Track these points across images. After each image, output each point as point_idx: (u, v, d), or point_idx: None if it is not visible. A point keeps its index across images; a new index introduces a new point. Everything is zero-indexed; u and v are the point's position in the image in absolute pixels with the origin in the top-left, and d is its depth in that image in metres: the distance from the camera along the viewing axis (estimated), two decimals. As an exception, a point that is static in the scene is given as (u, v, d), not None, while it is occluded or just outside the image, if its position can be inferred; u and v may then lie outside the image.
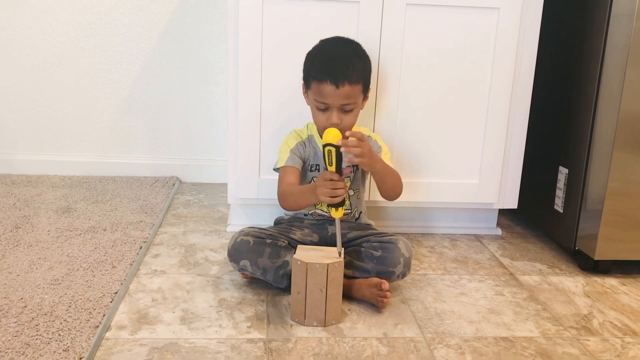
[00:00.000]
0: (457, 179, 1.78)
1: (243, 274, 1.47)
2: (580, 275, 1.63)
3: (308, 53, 1.46)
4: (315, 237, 1.51)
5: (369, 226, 1.57)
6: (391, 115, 1.70)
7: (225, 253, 1.48)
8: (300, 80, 1.47)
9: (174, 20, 2.24)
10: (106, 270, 1.49)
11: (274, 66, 1.64)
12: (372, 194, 1.74)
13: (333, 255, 1.30)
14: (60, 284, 1.40)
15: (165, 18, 2.24)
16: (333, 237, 1.45)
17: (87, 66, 2.26)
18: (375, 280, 1.38)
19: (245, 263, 1.40)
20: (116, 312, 1.32)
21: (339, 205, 1.32)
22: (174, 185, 2.25)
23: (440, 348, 1.24)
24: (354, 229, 1.52)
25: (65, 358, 1.12)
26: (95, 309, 1.30)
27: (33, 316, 1.26)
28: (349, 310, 1.37)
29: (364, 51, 1.46)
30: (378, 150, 1.51)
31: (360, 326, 1.31)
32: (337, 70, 1.37)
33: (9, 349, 1.14)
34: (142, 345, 1.20)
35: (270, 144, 1.66)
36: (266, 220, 1.70)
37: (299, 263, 1.27)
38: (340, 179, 1.30)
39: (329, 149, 1.29)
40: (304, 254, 1.30)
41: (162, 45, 2.26)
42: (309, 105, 1.47)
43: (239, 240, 1.41)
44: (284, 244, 1.43)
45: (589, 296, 1.51)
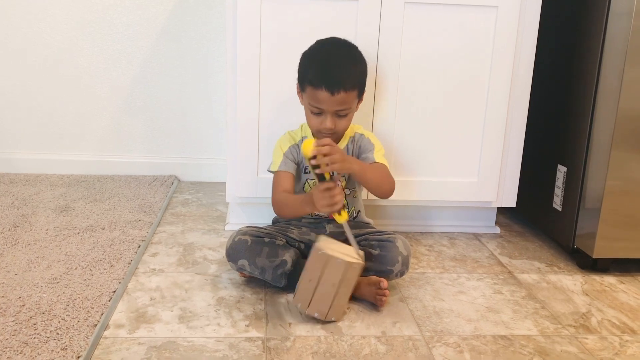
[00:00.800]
0: (456, 178, 1.78)
1: (241, 273, 1.47)
2: (579, 274, 1.63)
3: (304, 54, 1.45)
4: (313, 236, 1.51)
5: (367, 225, 1.57)
6: (390, 113, 1.70)
7: (224, 252, 1.48)
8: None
9: (172, 18, 2.24)
10: (104, 269, 1.49)
11: (272, 65, 1.64)
12: (370, 193, 1.74)
13: (353, 255, 1.29)
14: (58, 282, 1.40)
15: (163, 17, 2.23)
16: (331, 236, 1.45)
17: (86, 65, 2.26)
18: (374, 278, 1.37)
19: (243, 262, 1.40)
20: (114, 311, 1.32)
21: (342, 210, 1.32)
22: (172, 184, 2.25)
23: (438, 346, 1.24)
24: (352, 228, 1.52)
25: (64, 357, 1.12)
26: (93, 308, 1.29)
27: (31, 315, 1.25)
28: (347, 308, 1.37)
29: (360, 55, 1.45)
30: (370, 148, 1.50)
31: (358, 324, 1.31)
32: (333, 77, 1.36)
33: (7, 347, 1.13)
34: (141, 343, 1.20)
35: (269, 142, 1.66)
36: (265, 219, 1.69)
37: (320, 253, 1.26)
38: (335, 185, 1.29)
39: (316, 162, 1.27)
40: (327, 245, 1.29)
41: (161, 44, 2.26)
42: (302, 105, 1.47)
43: (236, 239, 1.41)
44: (282, 243, 1.43)
45: (587, 294, 1.51)
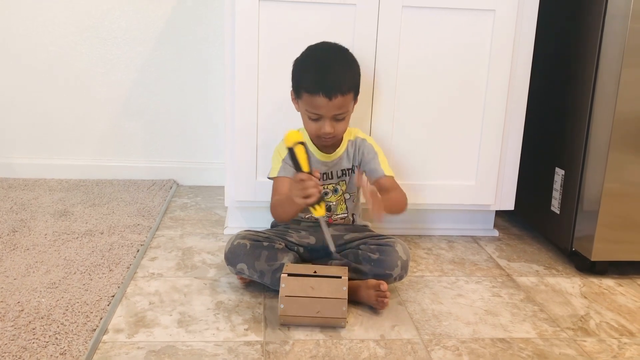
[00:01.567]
0: (454, 181, 1.78)
1: (241, 277, 1.47)
2: (577, 276, 1.64)
3: (296, 61, 1.45)
4: (312, 240, 1.51)
5: (365, 227, 1.57)
6: (388, 117, 1.71)
7: (223, 256, 1.48)
8: None
9: (171, 23, 2.24)
10: (103, 273, 1.49)
11: (270, 70, 1.64)
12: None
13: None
14: (57, 287, 1.40)
15: (162, 21, 2.24)
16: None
17: (84, 69, 2.26)
18: (373, 282, 1.38)
19: (242, 266, 1.40)
20: (113, 316, 1.32)
21: (317, 203, 1.30)
22: (171, 188, 2.25)
23: (437, 350, 1.24)
24: (350, 231, 1.52)
25: (62, 361, 1.12)
26: (92, 313, 1.29)
27: (30, 320, 1.25)
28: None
29: (352, 57, 1.45)
30: (374, 157, 1.50)
31: (357, 328, 1.31)
32: (329, 83, 1.36)
33: (5, 352, 1.13)
34: (140, 348, 1.20)
35: (267, 146, 1.66)
36: (263, 223, 1.70)
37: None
38: (310, 177, 1.28)
39: (292, 152, 1.29)
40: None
41: (159, 48, 2.26)
42: (298, 112, 1.47)
43: (235, 243, 1.41)
44: (281, 247, 1.44)
45: (585, 297, 1.52)
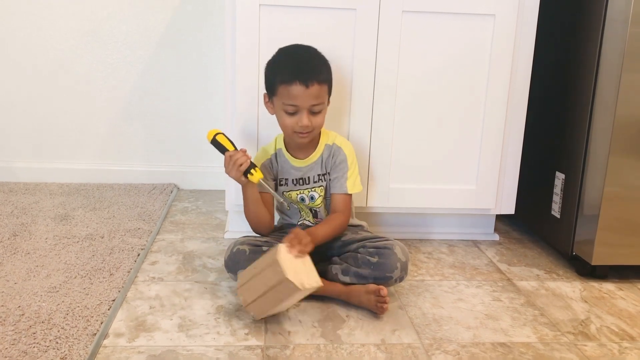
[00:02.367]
0: (454, 185, 1.78)
1: (242, 283, 1.47)
2: (578, 281, 1.64)
3: (269, 62, 1.48)
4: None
5: (360, 227, 1.58)
6: (388, 120, 1.71)
7: (223, 260, 1.48)
8: None
9: (171, 27, 2.25)
10: (104, 277, 1.49)
11: (271, 73, 1.64)
12: (370, 200, 1.75)
13: (306, 279, 1.28)
14: (57, 291, 1.40)
15: (162, 26, 2.24)
16: (325, 245, 1.46)
17: (85, 73, 2.26)
18: (373, 286, 1.38)
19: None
20: (114, 320, 1.32)
21: (250, 169, 1.42)
22: (171, 192, 2.25)
23: (437, 354, 1.24)
24: (347, 231, 1.52)
25: (63, 366, 1.12)
26: (92, 317, 1.29)
27: (30, 324, 1.25)
28: (346, 316, 1.37)
29: (323, 55, 1.48)
30: (343, 169, 1.50)
31: (358, 332, 1.31)
32: (305, 70, 1.40)
33: (6, 357, 1.13)
34: (140, 352, 1.20)
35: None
36: (264, 227, 1.69)
37: (275, 257, 1.26)
38: (236, 151, 1.43)
39: (216, 142, 1.46)
40: (287, 255, 1.29)
41: (160, 52, 2.27)
42: (272, 114, 1.49)
43: (235, 250, 1.41)
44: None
45: (586, 301, 1.51)
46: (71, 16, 2.21)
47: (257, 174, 1.43)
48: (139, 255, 1.64)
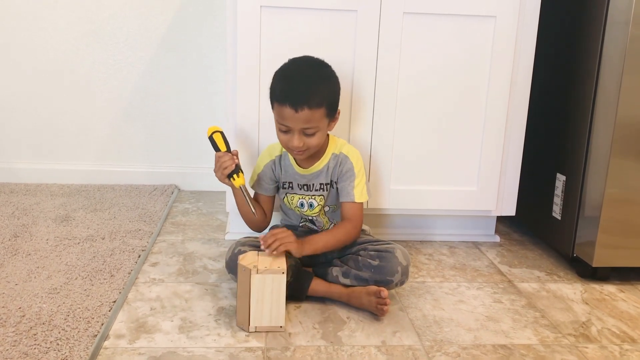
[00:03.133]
0: (455, 187, 1.78)
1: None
2: (579, 282, 1.63)
3: (275, 72, 1.45)
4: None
5: (362, 230, 1.57)
6: (389, 123, 1.71)
7: (224, 261, 1.48)
8: None
9: (172, 28, 2.25)
10: (104, 279, 1.49)
11: (272, 75, 1.64)
12: (370, 202, 1.74)
13: (274, 267, 1.28)
14: (58, 293, 1.40)
15: (163, 27, 2.24)
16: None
17: (86, 74, 2.26)
18: (374, 288, 1.37)
19: (243, 273, 1.40)
20: (114, 321, 1.32)
21: (233, 173, 1.43)
22: (172, 193, 2.25)
23: (438, 356, 1.24)
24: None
25: (64, 367, 1.12)
26: (93, 318, 1.29)
27: (31, 325, 1.25)
28: (347, 318, 1.37)
29: (331, 74, 1.43)
30: (350, 178, 1.47)
31: (358, 334, 1.31)
32: (296, 94, 1.36)
33: (7, 358, 1.13)
34: (141, 354, 1.20)
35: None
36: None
37: (238, 262, 1.29)
38: (225, 153, 1.45)
39: (212, 139, 1.46)
40: (255, 255, 1.32)
41: (161, 53, 2.27)
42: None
43: (236, 251, 1.41)
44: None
45: (587, 303, 1.51)
46: (72, 17, 2.21)
47: (239, 180, 1.44)
48: (139, 256, 1.64)
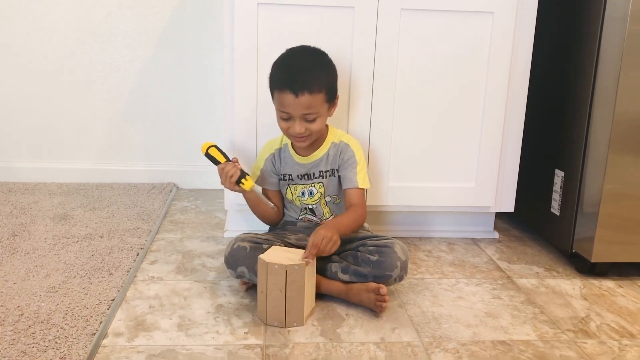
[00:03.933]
0: (454, 183, 1.78)
1: (242, 281, 1.47)
2: (577, 278, 1.63)
3: (273, 63, 1.47)
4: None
5: (361, 227, 1.57)
6: (387, 119, 1.71)
7: (223, 259, 1.48)
8: None
9: (170, 27, 2.24)
10: (103, 277, 1.49)
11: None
12: (369, 199, 1.74)
13: (296, 256, 1.31)
14: (57, 291, 1.40)
15: (161, 25, 2.24)
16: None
17: (84, 73, 2.26)
18: (373, 285, 1.37)
19: (242, 269, 1.40)
20: (113, 319, 1.32)
21: (241, 179, 1.48)
22: (171, 191, 2.25)
23: (437, 352, 1.24)
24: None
25: (62, 366, 1.12)
26: (92, 317, 1.29)
27: (30, 324, 1.25)
28: (346, 315, 1.37)
29: (327, 60, 1.46)
30: (352, 164, 1.50)
31: (357, 331, 1.31)
32: (296, 79, 1.38)
33: (5, 357, 1.13)
34: (139, 352, 1.20)
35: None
36: (263, 226, 1.69)
37: (261, 262, 1.29)
38: (227, 163, 1.50)
39: (209, 155, 1.52)
40: (272, 253, 1.32)
41: (159, 52, 2.26)
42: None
43: (235, 246, 1.41)
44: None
45: (586, 299, 1.51)
46: (70, 17, 2.21)
47: (248, 183, 1.48)
48: (138, 254, 1.64)
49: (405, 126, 1.72)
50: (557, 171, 1.75)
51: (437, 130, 1.74)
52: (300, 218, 1.56)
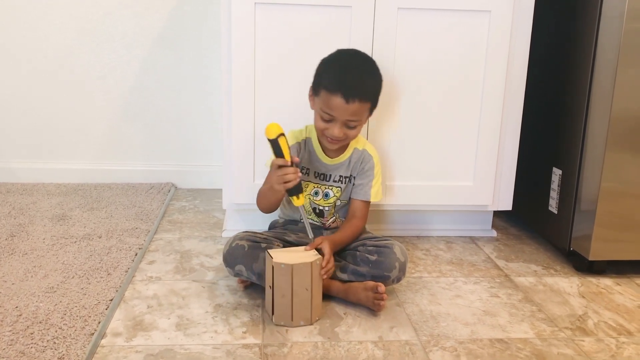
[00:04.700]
0: (452, 181, 1.78)
1: (240, 280, 1.47)
2: (575, 276, 1.64)
3: (323, 59, 1.44)
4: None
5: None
6: (385, 118, 1.71)
7: (221, 258, 1.48)
8: (294, 85, 1.47)
9: (168, 27, 2.24)
10: (101, 277, 1.49)
11: (267, 72, 1.64)
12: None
13: (307, 253, 1.32)
14: (55, 291, 1.40)
15: (159, 25, 2.24)
16: None
17: (83, 73, 2.26)
18: (371, 283, 1.38)
19: (240, 268, 1.40)
20: (111, 319, 1.32)
21: (296, 192, 1.36)
22: (169, 191, 2.25)
23: (435, 350, 1.24)
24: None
25: (61, 366, 1.12)
26: (90, 317, 1.29)
27: (28, 324, 1.25)
28: (344, 314, 1.37)
29: (378, 69, 1.45)
30: (369, 177, 1.51)
31: (355, 330, 1.31)
32: (350, 85, 1.36)
33: (3, 357, 1.14)
34: (138, 352, 1.20)
35: (265, 149, 1.66)
36: (262, 225, 1.69)
37: (283, 266, 1.27)
38: (288, 163, 1.33)
39: (275, 142, 1.32)
40: (283, 256, 1.31)
41: (157, 51, 2.26)
42: (312, 110, 1.47)
43: (234, 245, 1.42)
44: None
45: (583, 297, 1.52)
46: (68, 16, 2.21)
47: (301, 200, 1.38)
48: (136, 254, 1.64)
49: (402, 125, 1.72)
50: (555, 169, 1.75)
51: (435, 128, 1.74)
52: (301, 220, 1.55)
